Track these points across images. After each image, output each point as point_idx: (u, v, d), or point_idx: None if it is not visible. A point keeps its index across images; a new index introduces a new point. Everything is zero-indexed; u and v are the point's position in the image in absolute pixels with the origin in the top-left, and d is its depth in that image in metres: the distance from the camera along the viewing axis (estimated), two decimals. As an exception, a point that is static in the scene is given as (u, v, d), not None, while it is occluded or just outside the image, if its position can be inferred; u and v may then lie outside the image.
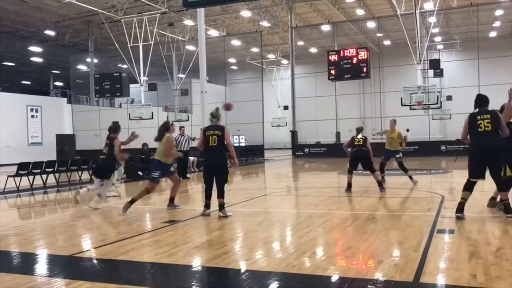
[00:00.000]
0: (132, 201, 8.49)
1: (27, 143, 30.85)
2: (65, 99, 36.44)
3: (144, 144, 17.35)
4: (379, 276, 4.49)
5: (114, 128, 10.06)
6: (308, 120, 36.34)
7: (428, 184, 13.29)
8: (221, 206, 7.88)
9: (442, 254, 5.22)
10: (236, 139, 46.47)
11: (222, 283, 4.61)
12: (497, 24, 35.92)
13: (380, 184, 10.56)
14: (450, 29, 37.43)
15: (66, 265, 5.38)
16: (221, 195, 7.90)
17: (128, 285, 4.43)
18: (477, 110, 7.24)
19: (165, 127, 8.70)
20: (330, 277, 4.56)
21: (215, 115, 8.12)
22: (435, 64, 28.19)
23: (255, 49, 41.21)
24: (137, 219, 8.22)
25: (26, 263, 5.55)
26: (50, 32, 34.34)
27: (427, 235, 6.06)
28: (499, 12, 32.78)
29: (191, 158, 18.57)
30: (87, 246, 6.41)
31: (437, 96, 24.20)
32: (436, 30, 33.95)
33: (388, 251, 5.48)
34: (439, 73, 29.63)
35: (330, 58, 25.47)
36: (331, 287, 4.45)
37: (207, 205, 8.02)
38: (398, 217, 7.61)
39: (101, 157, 10.06)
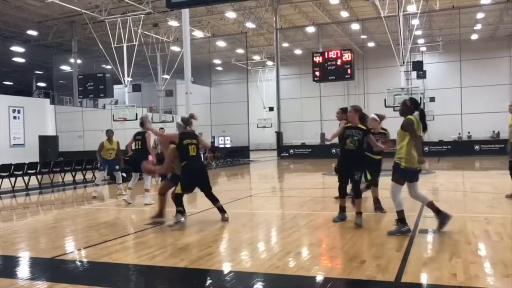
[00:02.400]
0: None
1: (9, 144, 30.38)
2: (48, 100, 35.95)
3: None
4: (361, 276, 4.53)
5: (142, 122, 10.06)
6: (293, 121, 36.46)
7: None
8: (222, 209, 7.73)
9: (423, 254, 5.29)
10: (222, 140, 46.42)
11: (206, 284, 4.60)
12: (478, 27, 36.50)
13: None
14: (433, 32, 37.90)
15: (48, 267, 5.32)
16: (217, 199, 7.76)
17: (111, 288, 4.41)
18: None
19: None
20: (313, 277, 4.58)
21: (187, 122, 7.75)
22: (418, 66, 28.50)
23: (240, 50, 41.24)
24: (121, 221, 8.17)
25: (7, 266, 5.48)
26: (32, 32, 33.93)
27: (410, 235, 6.13)
28: (480, 15, 33.33)
29: (175, 160, 18.47)
30: (69, 248, 6.35)
31: (420, 98, 24.46)
32: (419, 33, 34.31)
33: (371, 251, 5.53)
34: (422, 74, 29.94)
35: (314, 59, 25.59)
36: (314, 287, 4.48)
37: (181, 212, 7.47)
38: (381, 217, 7.67)
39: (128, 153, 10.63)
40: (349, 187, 7.30)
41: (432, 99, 33.22)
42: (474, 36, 38.25)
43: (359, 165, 6.99)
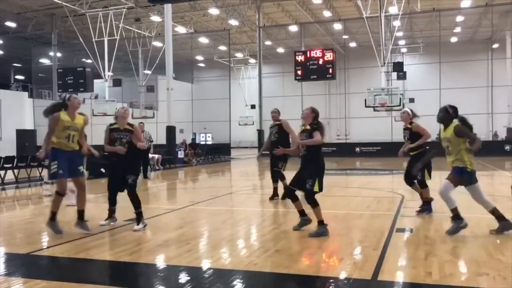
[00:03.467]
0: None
1: (-16, 138, 29.82)
2: (26, 93, 35.34)
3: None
4: (338, 273, 4.58)
5: None
6: (274, 119, 36.47)
7: (390, 184, 13.60)
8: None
9: (400, 253, 5.36)
10: (203, 137, 46.31)
11: (184, 281, 4.59)
12: (458, 29, 37.16)
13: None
14: (414, 33, 38.40)
15: (23, 263, 5.24)
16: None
17: (86, 284, 4.36)
18: None
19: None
20: (291, 274, 4.61)
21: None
22: (398, 67, 28.80)
23: (223, 47, 41.13)
24: (98, 217, 8.07)
25: (-19, 261, 5.38)
26: (11, 24, 33.26)
27: (387, 234, 6.21)
28: (459, 18, 33.91)
29: (155, 156, 18.39)
30: (45, 244, 6.26)
31: (400, 98, 24.74)
32: (400, 34, 34.74)
33: (348, 249, 5.58)
34: (402, 75, 30.27)
35: (297, 58, 25.64)
36: (291, 285, 4.51)
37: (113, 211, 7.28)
38: (359, 216, 7.75)
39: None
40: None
41: (411, 100, 33.66)
42: (454, 39, 38.90)
43: (309, 170, 6.24)
